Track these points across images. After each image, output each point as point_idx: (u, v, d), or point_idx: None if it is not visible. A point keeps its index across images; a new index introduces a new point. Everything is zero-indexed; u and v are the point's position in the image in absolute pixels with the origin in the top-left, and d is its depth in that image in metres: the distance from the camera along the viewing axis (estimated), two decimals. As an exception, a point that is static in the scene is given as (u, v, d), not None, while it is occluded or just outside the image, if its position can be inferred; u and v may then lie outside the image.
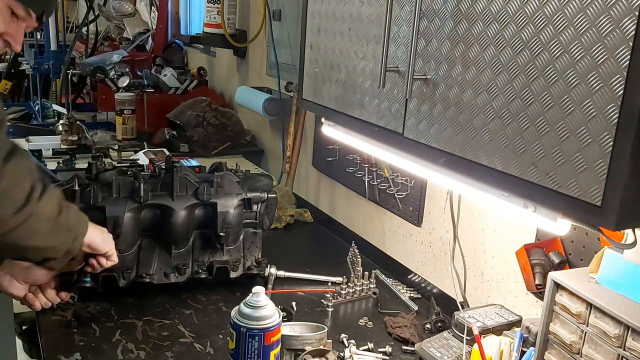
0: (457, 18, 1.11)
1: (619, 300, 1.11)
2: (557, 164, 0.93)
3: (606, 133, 0.85)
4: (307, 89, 1.66)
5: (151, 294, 1.78)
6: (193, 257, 1.83)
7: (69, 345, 1.52)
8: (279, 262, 1.98)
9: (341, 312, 1.81)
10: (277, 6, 2.79)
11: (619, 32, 0.82)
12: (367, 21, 1.37)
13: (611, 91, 0.83)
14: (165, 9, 4.49)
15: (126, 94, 3.37)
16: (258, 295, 1.30)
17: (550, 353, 1.24)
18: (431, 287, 1.92)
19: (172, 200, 1.74)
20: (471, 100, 1.08)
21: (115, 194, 1.70)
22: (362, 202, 2.29)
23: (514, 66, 0.99)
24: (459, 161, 1.13)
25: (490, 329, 1.46)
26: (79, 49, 4.58)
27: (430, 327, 1.70)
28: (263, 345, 1.28)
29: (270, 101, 2.83)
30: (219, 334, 1.62)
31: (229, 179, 1.83)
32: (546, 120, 0.94)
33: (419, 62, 1.21)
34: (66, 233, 1.28)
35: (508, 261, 1.64)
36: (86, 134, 3.15)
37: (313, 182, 2.68)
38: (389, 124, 1.32)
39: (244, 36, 3.32)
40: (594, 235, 1.37)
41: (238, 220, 1.84)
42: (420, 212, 1.97)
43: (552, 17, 0.92)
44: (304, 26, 1.64)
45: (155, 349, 1.54)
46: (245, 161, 3.14)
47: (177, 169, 1.75)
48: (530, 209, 1.02)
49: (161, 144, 3.16)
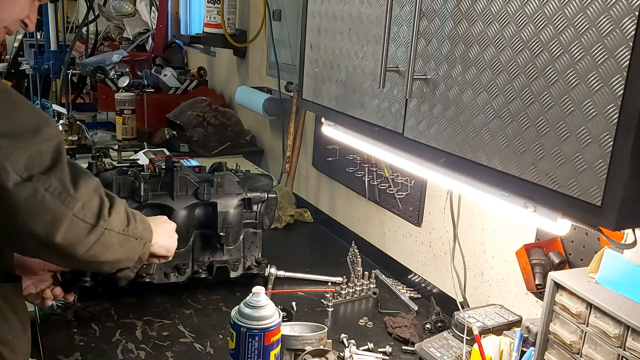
0: (457, 18, 1.11)
1: (619, 300, 1.11)
2: (557, 164, 0.93)
3: (606, 133, 0.85)
4: (307, 89, 1.66)
5: (151, 294, 1.78)
6: (193, 257, 1.83)
7: (69, 345, 1.52)
8: (279, 262, 1.98)
9: (341, 312, 1.81)
10: (277, 6, 2.79)
11: (619, 32, 0.82)
12: (367, 21, 1.37)
13: (611, 91, 0.83)
14: (165, 9, 4.49)
15: (126, 94, 3.37)
16: (258, 295, 1.30)
17: (550, 353, 1.24)
18: (431, 287, 1.92)
19: (172, 200, 1.74)
20: (471, 100, 1.08)
21: (116, 194, 1.70)
22: (362, 202, 2.29)
23: (514, 66, 0.99)
24: (459, 161, 1.13)
25: (490, 329, 1.46)
26: (79, 49, 4.58)
27: (430, 327, 1.71)
28: (263, 345, 1.28)
29: (270, 101, 2.83)
30: (219, 334, 1.62)
31: (229, 179, 1.83)
32: (546, 120, 0.94)
33: (419, 62, 1.21)
34: (136, 242, 1.28)
35: (508, 261, 1.64)
36: (86, 134, 3.15)
37: (313, 182, 2.68)
38: (389, 124, 1.32)
39: (244, 36, 3.32)
40: (594, 235, 1.37)
41: (238, 220, 1.84)
42: (420, 212, 1.97)
43: (552, 17, 0.92)
44: (304, 26, 1.64)
45: (155, 349, 1.54)
46: (245, 161, 3.14)
47: (177, 168, 1.75)
48: (530, 209, 1.02)
49: (161, 144, 3.16)
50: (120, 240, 1.22)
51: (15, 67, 5.08)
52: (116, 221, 1.20)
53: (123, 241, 1.23)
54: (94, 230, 1.14)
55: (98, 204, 1.16)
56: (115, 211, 1.20)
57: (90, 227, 1.14)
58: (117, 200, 1.23)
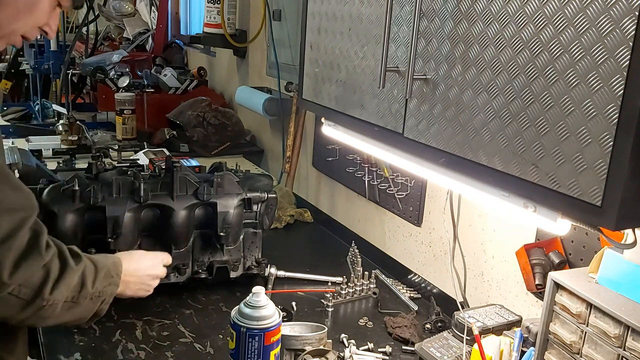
0: (457, 18, 1.11)
1: (619, 300, 1.11)
2: (557, 164, 0.93)
3: (606, 133, 0.85)
4: (307, 89, 1.66)
5: (151, 294, 1.78)
6: (193, 257, 1.83)
7: (69, 345, 1.52)
8: (279, 262, 1.98)
9: (341, 312, 1.81)
10: (277, 6, 2.79)
11: (619, 32, 0.82)
12: (367, 21, 1.37)
13: (611, 91, 0.83)
14: (165, 9, 4.49)
15: (126, 94, 3.37)
16: (258, 295, 1.29)
17: (550, 353, 1.24)
18: (431, 287, 1.92)
19: (172, 200, 1.74)
20: (471, 100, 1.08)
21: (115, 194, 1.70)
22: (362, 202, 2.29)
23: (514, 66, 0.99)
24: (459, 161, 1.13)
25: (490, 329, 1.46)
26: (79, 49, 4.58)
27: (430, 327, 1.70)
28: (263, 345, 1.28)
29: (270, 101, 2.83)
30: (219, 334, 1.62)
31: (229, 179, 1.83)
32: (546, 120, 0.94)
33: (419, 62, 1.21)
34: (90, 302, 1.24)
35: (508, 261, 1.64)
36: (86, 134, 3.15)
37: (313, 182, 2.68)
38: (389, 124, 1.32)
39: (244, 36, 3.32)
40: (594, 235, 1.37)
41: (238, 220, 1.84)
42: (420, 212, 1.97)
43: (552, 17, 0.92)
44: (304, 26, 1.64)
45: (155, 349, 1.54)
46: (245, 161, 3.13)
47: (177, 169, 1.75)
48: (530, 209, 1.02)
49: (161, 144, 3.16)
50: (67, 306, 1.18)
51: (15, 67, 5.07)
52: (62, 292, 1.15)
53: (70, 306, 1.19)
54: (28, 307, 1.10)
55: (40, 281, 1.11)
56: (63, 282, 1.15)
57: (24, 303, 1.09)
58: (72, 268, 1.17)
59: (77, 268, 1.19)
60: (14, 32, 1.19)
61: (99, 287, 1.25)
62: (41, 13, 1.19)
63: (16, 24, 1.18)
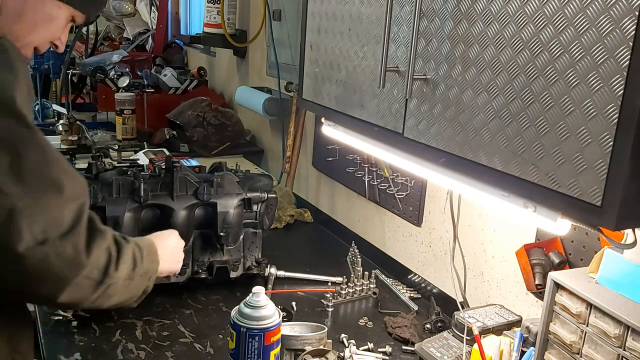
0: (457, 18, 1.11)
1: (619, 300, 1.11)
2: (557, 164, 0.93)
3: (606, 133, 0.85)
4: (307, 89, 1.66)
5: (151, 294, 1.77)
6: (193, 257, 1.83)
7: (69, 345, 1.52)
8: (279, 262, 1.98)
9: (341, 312, 1.81)
10: (277, 6, 2.79)
11: (619, 32, 0.82)
12: (367, 21, 1.37)
13: (611, 91, 0.83)
14: (165, 9, 4.49)
15: (126, 94, 3.37)
16: (258, 295, 1.30)
17: (550, 353, 1.24)
18: (431, 287, 1.92)
19: (172, 200, 1.74)
20: (471, 100, 1.08)
21: (115, 194, 1.70)
22: (362, 202, 2.29)
23: (514, 66, 0.99)
24: (459, 161, 1.13)
25: (490, 329, 1.46)
26: (79, 49, 4.58)
27: (430, 327, 1.71)
28: (263, 345, 1.28)
29: (270, 101, 2.83)
30: (219, 334, 1.62)
31: (229, 179, 1.83)
32: (546, 120, 0.94)
33: (419, 62, 1.21)
34: (141, 278, 1.26)
35: (508, 261, 1.64)
36: (86, 134, 3.15)
37: (313, 182, 2.68)
38: (388, 124, 1.32)
39: (244, 36, 3.32)
40: (594, 235, 1.37)
41: (238, 220, 1.84)
42: (420, 212, 1.97)
43: (552, 17, 0.92)
44: (304, 26, 1.64)
45: (155, 349, 1.54)
46: (245, 161, 3.13)
47: (177, 169, 1.75)
48: (530, 209, 1.02)
49: (161, 144, 3.16)
50: (125, 284, 1.20)
51: (15, 67, 5.06)
52: (122, 271, 1.17)
53: (128, 284, 1.21)
54: (99, 287, 1.12)
55: (105, 261, 1.13)
56: (122, 261, 1.17)
57: (95, 283, 1.12)
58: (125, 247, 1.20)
59: (129, 247, 1.22)
60: (29, 43, 1.23)
61: (146, 264, 1.28)
62: (56, 27, 1.25)
63: (32, 37, 1.23)
